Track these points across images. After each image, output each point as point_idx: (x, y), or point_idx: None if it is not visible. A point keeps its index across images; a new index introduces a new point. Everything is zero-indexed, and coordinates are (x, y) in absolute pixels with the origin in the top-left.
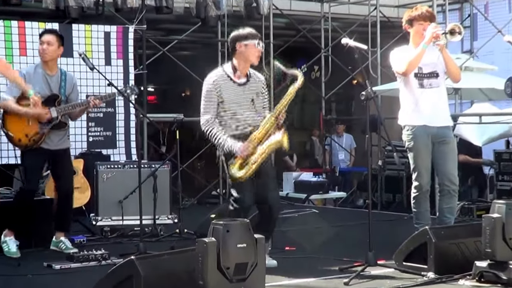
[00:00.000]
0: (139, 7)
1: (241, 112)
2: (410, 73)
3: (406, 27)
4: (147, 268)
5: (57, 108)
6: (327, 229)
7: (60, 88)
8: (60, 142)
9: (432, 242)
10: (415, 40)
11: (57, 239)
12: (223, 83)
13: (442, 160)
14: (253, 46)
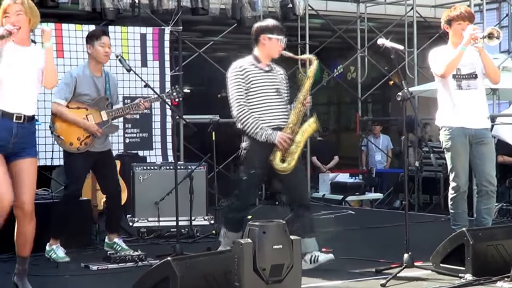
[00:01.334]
0: (175, 9)
1: (270, 100)
2: (448, 75)
3: (445, 27)
4: (183, 269)
5: (108, 111)
6: (364, 230)
7: (106, 90)
8: (105, 143)
9: (470, 244)
10: (454, 40)
11: (111, 241)
12: (250, 69)
13: (480, 161)
14: (276, 41)
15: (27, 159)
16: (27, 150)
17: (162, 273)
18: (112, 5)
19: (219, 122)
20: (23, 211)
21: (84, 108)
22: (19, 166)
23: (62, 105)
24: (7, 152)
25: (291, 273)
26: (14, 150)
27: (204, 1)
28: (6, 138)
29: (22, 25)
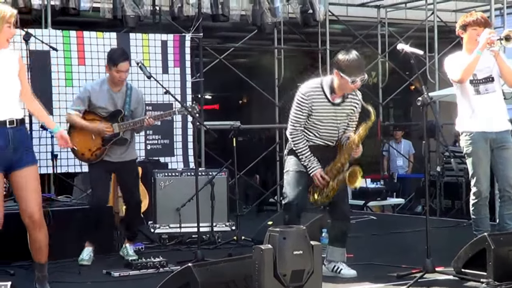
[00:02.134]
0: (196, 15)
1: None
2: (465, 80)
3: (460, 32)
4: (204, 275)
5: (119, 124)
6: (385, 236)
7: (125, 103)
8: (123, 154)
9: (491, 249)
10: (468, 46)
11: (124, 246)
12: (316, 98)
13: (502, 165)
14: (347, 81)
15: (27, 168)
16: (26, 157)
17: (183, 279)
18: (133, 13)
19: (240, 128)
20: (32, 220)
21: (98, 120)
22: (21, 176)
23: (73, 115)
24: (7, 162)
25: (312, 278)
26: (13, 159)
27: (224, 7)
28: (4, 145)
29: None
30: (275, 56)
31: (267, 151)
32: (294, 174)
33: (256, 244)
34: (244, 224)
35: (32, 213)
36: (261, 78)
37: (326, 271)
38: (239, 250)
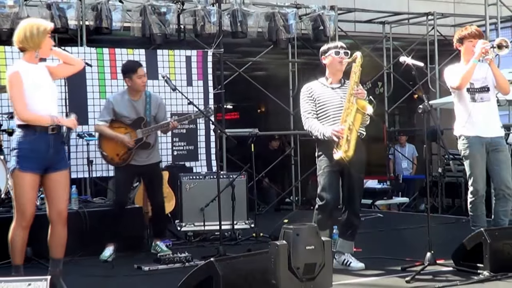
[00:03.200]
0: (217, 33)
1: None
2: (463, 87)
3: (457, 45)
4: (225, 269)
5: (142, 130)
6: (391, 232)
7: (146, 110)
8: (148, 158)
9: (488, 243)
10: (466, 57)
11: (155, 244)
12: (316, 87)
13: (497, 167)
14: (334, 57)
15: (61, 172)
16: (61, 163)
17: (206, 272)
18: (160, 31)
19: (258, 135)
20: (60, 217)
21: (124, 127)
22: (55, 178)
23: (101, 125)
24: (45, 164)
25: (323, 271)
26: (51, 162)
27: (243, 25)
28: (45, 149)
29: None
30: (289, 69)
31: (283, 155)
32: (327, 175)
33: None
34: (262, 222)
35: (62, 210)
36: (277, 89)
37: (337, 264)
38: (257, 246)
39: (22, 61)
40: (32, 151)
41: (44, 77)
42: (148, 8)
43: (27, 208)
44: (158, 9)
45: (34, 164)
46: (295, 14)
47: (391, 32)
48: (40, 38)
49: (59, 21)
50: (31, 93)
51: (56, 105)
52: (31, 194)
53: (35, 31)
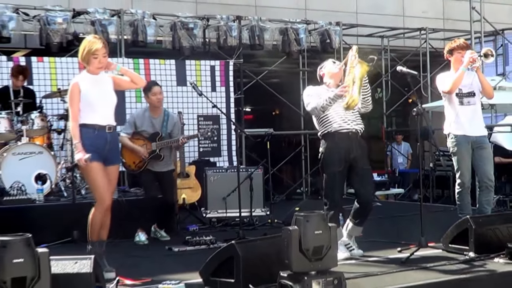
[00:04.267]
0: (237, 45)
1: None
2: (454, 91)
3: (447, 56)
4: (244, 250)
5: (157, 143)
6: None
7: (163, 127)
8: (163, 166)
9: (473, 228)
10: (455, 66)
11: (155, 229)
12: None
13: (481, 162)
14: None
15: (114, 166)
16: (115, 158)
17: (228, 253)
18: (188, 44)
19: (273, 134)
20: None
21: (142, 140)
22: (109, 171)
23: (124, 137)
24: (102, 158)
25: (329, 252)
26: (107, 157)
27: (260, 38)
28: (103, 144)
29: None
30: (300, 77)
31: (295, 151)
32: (333, 177)
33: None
34: (276, 209)
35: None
36: (289, 94)
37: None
38: (272, 230)
39: (85, 72)
40: (92, 146)
41: (102, 86)
42: (178, 24)
43: (104, 192)
44: (186, 25)
45: (97, 156)
46: (305, 29)
47: (389, 44)
48: (87, 58)
49: (102, 35)
50: (87, 100)
51: (111, 110)
52: (103, 180)
53: (85, 51)
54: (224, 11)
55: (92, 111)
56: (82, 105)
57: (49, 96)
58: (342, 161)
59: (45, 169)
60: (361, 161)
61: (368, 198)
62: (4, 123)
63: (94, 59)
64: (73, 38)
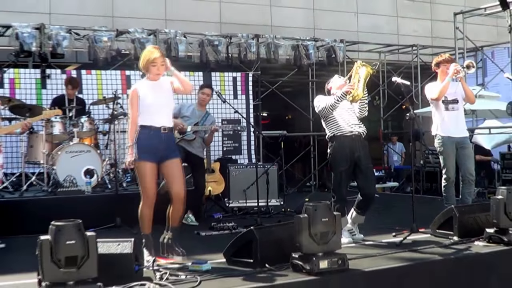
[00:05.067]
0: (256, 59)
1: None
2: (441, 98)
3: (435, 68)
4: (262, 235)
5: (192, 126)
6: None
7: (201, 120)
8: (194, 149)
9: (457, 216)
10: (442, 77)
11: (187, 215)
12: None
13: (464, 160)
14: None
15: (172, 160)
16: (173, 153)
17: (247, 237)
18: (214, 58)
19: (286, 135)
20: (179, 197)
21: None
22: (170, 166)
23: None
24: (159, 156)
25: (334, 237)
26: (163, 154)
27: (275, 54)
28: (158, 143)
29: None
30: (309, 87)
31: (305, 151)
32: (340, 174)
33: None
34: (289, 200)
35: (179, 191)
36: (300, 101)
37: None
38: (285, 218)
39: (145, 78)
40: (147, 145)
41: (160, 91)
42: (205, 42)
43: (149, 190)
44: (212, 42)
45: (150, 155)
46: (313, 46)
47: (385, 59)
48: (147, 66)
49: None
50: (144, 104)
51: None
52: (150, 179)
53: (144, 60)
54: (245, 30)
55: (149, 114)
56: (141, 109)
57: (96, 103)
58: (348, 161)
59: (93, 165)
60: (364, 160)
61: (370, 192)
62: (59, 126)
63: (152, 67)
64: (116, 54)
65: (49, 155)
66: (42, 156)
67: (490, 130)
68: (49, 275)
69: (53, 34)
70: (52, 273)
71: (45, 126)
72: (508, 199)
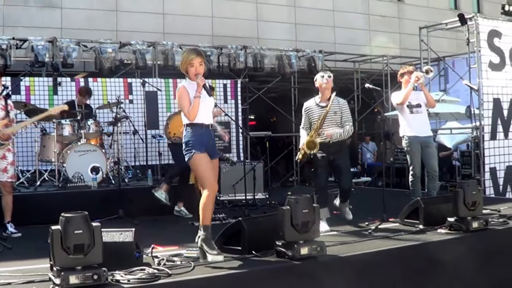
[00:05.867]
0: (244, 68)
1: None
2: (405, 102)
3: (400, 78)
4: (249, 225)
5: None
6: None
7: None
8: None
9: (422, 207)
10: (405, 86)
11: (180, 208)
12: (310, 106)
13: (428, 158)
14: (320, 81)
15: (215, 160)
16: (215, 152)
17: (236, 227)
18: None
19: (271, 136)
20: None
21: None
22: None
23: None
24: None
25: (314, 226)
26: (210, 151)
27: (261, 63)
28: (208, 140)
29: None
30: (292, 92)
31: (287, 149)
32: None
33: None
34: (273, 194)
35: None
36: (284, 106)
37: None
38: (270, 210)
39: (187, 78)
40: (200, 141)
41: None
42: None
43: (212, 180)
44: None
45: (204, 148)
46: (295, 56)
47: (359, 67)
48: (185, 67)
49: (141, 61)
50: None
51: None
52: (210, 169)
53: (183, 62)
54: (234, 42)
55: (198, 112)
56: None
57: (101, 107)
58: (325, 160)
59: (98, 163)
60: (342, 159)
61: (347, 185)
62: (68, 128)
63: (190, 67)
64: (120, 64)
65: (60, 154)
66: (53, 155)
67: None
68: (60, 261)
69: (64, 47)
70: (62, 259)
71: (56, 128)
72: (467, 192)
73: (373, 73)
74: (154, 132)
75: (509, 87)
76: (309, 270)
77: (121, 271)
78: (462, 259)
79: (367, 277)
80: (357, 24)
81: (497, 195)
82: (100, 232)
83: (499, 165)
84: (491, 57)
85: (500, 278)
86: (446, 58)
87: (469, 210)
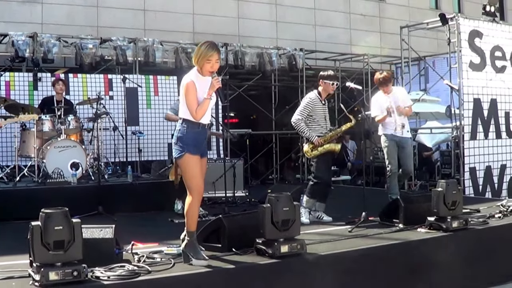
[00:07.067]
0: (225, 65)
1: (321, 121)
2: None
3: (376, 80)
4: (229, 223)
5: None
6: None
7: None
8: None
9: (402, 206)
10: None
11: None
12: (316, 100)
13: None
14: (329, 84)
15: (205, 158)
16: (205, 152)
17: (216, 224)
18: (187, 64)
19: (251, 133)
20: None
21: None
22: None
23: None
24: (200, 152)
25: (294, 224)
26: (202, 151)
27: (242, 60)
28: (203, 139)
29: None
30: (272, 90)
31: (267, 147)
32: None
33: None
34: (253, 191)
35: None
36: (264, 103)
37: (312, 218)
38: (250, 207)
39: (196, 72)
40: (194, 140)
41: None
42: (179, 49)
43: (200, 184)
44: (186, 50)
45: (197, 149)
46: (276, 54)
47: (340, 66)
48: (202, 62)
49: (121, 57)
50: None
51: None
52: (200, 172)
53: (200, 56)
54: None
55: None
56: None
57: (81, 103)
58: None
59: (78, 159)
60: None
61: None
62: (48, 124)
63: (207, 63)
64: (100, 60)
65: (40, 149)
66: (33, 151)
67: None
68: (40, 257)
69: (44, 42)
70: (42, 255)
71: (36, 124)
72: (447, 191)
73: (353, 71)
74: (134, 129)
75: (490, 87)
76: (289, 268)
77: (101, 267)
78: (441, 259)
79: (347, 275)
80: (338, 22)
81: (477, 194)
82: (81, 228)
83: (479, 165)
84: (472, 57)
85: (479, 277)
86: (426, 58)
87: (449, 210)
